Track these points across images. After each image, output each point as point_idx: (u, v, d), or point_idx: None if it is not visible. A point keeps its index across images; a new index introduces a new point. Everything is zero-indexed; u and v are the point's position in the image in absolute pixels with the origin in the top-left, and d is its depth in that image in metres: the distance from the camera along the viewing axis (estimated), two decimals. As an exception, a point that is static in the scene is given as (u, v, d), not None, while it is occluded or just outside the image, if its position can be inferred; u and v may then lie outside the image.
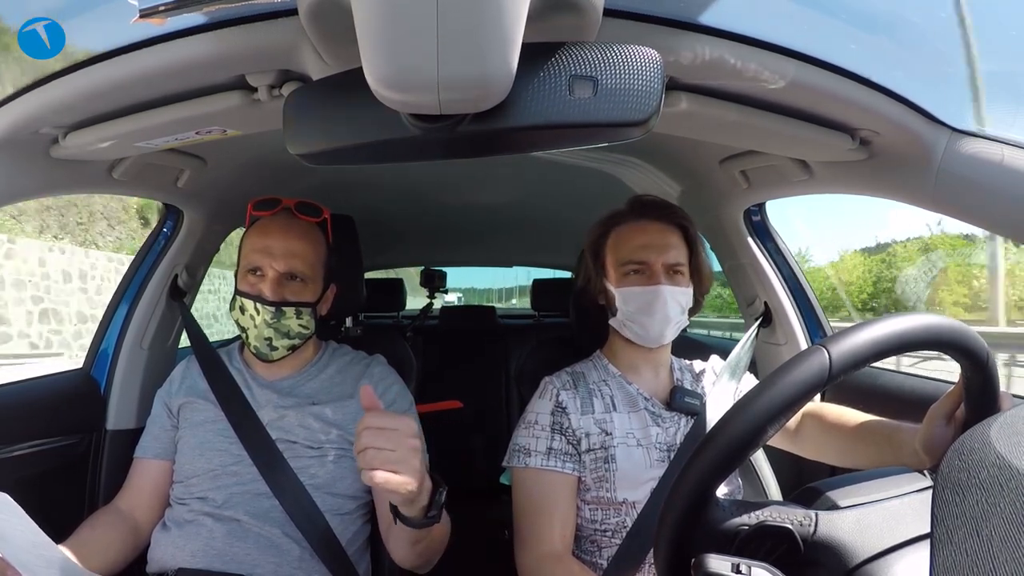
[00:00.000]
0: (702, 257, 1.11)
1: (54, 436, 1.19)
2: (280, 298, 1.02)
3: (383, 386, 1.11)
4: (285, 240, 1.04)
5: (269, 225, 1.06)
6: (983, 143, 0.80)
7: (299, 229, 1.07)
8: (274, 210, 1.08)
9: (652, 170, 1.46)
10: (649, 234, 1.06)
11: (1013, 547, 0.30)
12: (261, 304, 1.01)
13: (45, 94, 0.78)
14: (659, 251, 1.04)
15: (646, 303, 1.02)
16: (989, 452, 0.35)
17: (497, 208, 2.12)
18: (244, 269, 1.04)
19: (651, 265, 1.04)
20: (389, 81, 0.47)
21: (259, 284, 1.02)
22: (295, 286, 1.05)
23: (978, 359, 0.55)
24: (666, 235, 1.06)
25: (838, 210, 67.51)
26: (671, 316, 1.03)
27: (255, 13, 0.65)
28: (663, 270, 1.03)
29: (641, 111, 0.52)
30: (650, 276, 1.03)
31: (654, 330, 1.03)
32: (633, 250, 1.06)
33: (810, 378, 0.48)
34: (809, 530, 0.48)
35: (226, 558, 0.94)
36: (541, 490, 0.99)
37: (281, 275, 1.03)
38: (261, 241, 1.04)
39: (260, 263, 1.03)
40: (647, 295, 1.02)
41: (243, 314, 1.03)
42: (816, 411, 1.05)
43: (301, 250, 1.05)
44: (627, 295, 1.04)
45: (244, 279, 1.04)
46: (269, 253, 1.03)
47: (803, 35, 0.72)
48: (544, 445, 1.01)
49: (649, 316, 1.03)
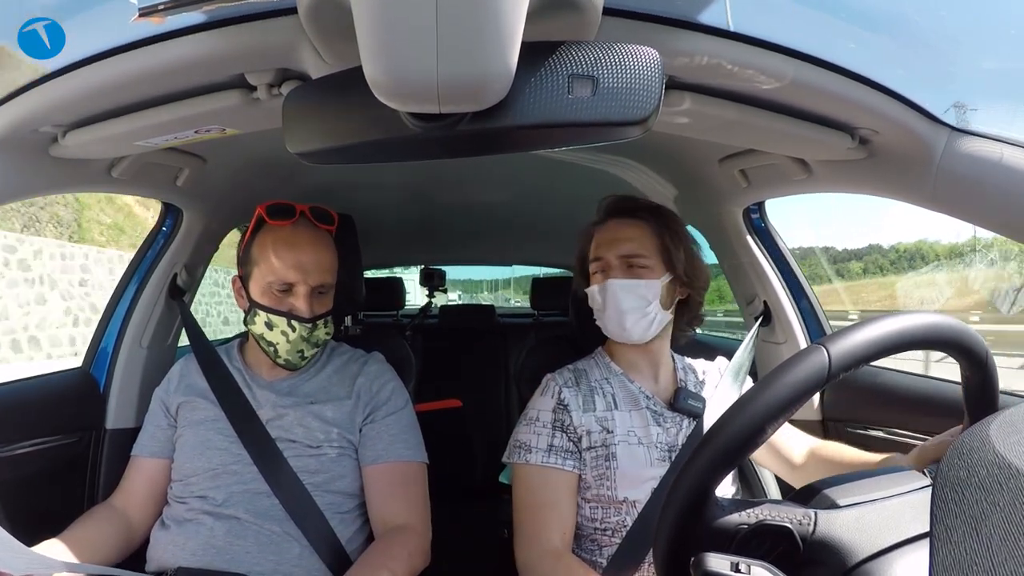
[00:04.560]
0: (678, 245, 1.07)
1: (54, 435, 1.19)
2: (313, 313, 1.02)
3: (379, 383, 1.11)
4: (316, 255, 1.03)
5: (295, 238, 1.03)
6: (982, 142, 0.80)
7: (324, 241, 1.06)
8: (293, 219, 1.05)
9: (651, 169, 1.46)
10: (608, 231, 1.08)
11: (1012, 546, 0.30)
12: (297, 321, 1.01)
13: (45, 93, 0.78)
14: (612, 245, 1.05)
15: (602, 300, 1.05)
16: (988, 451, 0.35)
17: (496, 207, 2.12)
18: (271, 285, 1.01)
19: (606, 260, 1.05)
20: (389, 80, 0.47)
21: (289, 299, 1.01)
22: (323, 299, 1.05)
23: (977, 358, 0.55)
24: (621, 228, 1.07)
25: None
26: (624, 309, 1.02)
27: (254, 12, 0.65)
28: (618, 263, 1.04)
29: (640, 110, 0.52)
30: (605, 272, 1.05)
31: (612, 324, 1.05)
32: (595, 248, 1.08)
33: (809, 377, 0.48)
34: (808, 529, 0.48)
35: (226, 556, 0.94)
36: (541, 487, 0.99)
37: (313, 289, 1.03)
38: (292, 256, 1.01)
39: (294, 280, 1.01)
40: (601, 292, 1.05)
41: (270, 329, 1.02)
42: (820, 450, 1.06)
43: (329, 263, 1.06)
44: (590, 294, 1.08)
45: (269, 294, 1.02)
46: (302, 269, 1.01)
47: (803, 34, 0.72)
48: (545, 442, 1.01)
49: (604, 311, 1.05)
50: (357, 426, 1.06)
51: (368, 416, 1.08)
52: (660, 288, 1.04)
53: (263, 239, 1.04)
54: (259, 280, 1.03)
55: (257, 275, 1.03)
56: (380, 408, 1.08)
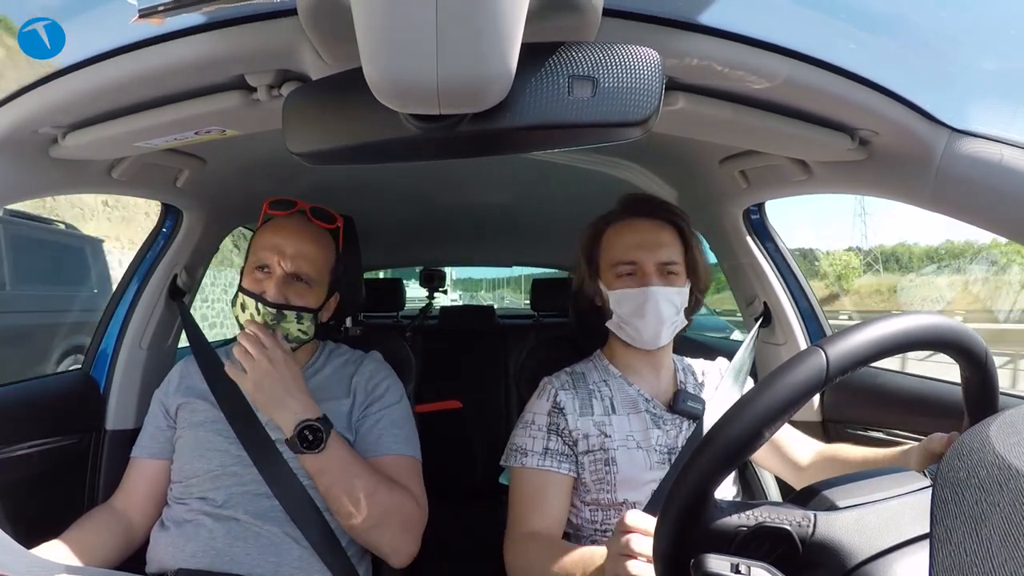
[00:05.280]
0: (698, 254, 1.08)
1: (54, 436, 1.19)
2: (283, 299, 1.01)
3: (374, 380, 1.11)
4: (297, 241, 1.04)
5: (283, 224, 1.06)
6: (982, 143, 0.80)
7: (312, 232, 1.07)
8: (290, 211, 1.08)
9: (651, 170, 1.46)
10: (640, 233, 1.04)
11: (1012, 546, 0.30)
12: (262, 304, 1.00)
13: (45, 94, 0.78)
14: (650, 250, 1.02)
15: (638, 305, 1.01)
16: (988, 452, 0.35)
17: (496, 208, 2.12)
18: (252, 265, 1.04)
19: (642, 265, 1.02)
20: (389, 81, 0.47)
21: (264, 282, 1.02)
22: (299, 288, 1.04)
23: (976, 358, 0.55)
24: (657, 233, 1.04)
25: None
26: (664, 318, 1.01)
27: (254, 13, 0.65)
28: (655, 270, 1.01)
29: (640, 111, 0.52)
30: (642, 277, 1.02)
31: (647, 332, 1.02)
32: (624, 250, 1.04)
33: (807, 379, 0.48)
34: (808, 531, 0.48)
35: (226, 558, 0.94)
36: (535, 487, 0.99)
37: (287, 275, 1.02)
38: (272, 239, 1.04)
39: (268, 260, 1.02)
40: (639, 297, 1.01)
41: (243, 311, 1.03)
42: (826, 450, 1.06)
43: (311, 253, 1.05)
44: (619, 297, 1.03)
45: (250, 275, 1.04)
46: (279, 251, 1.02)
47: (803, 35, 0.72)
48: (540, 445, 1.01)
49: (641, 318, 1.01)
50: (354, 424, 1.07)
51: (363, 412, 1.08)
52: (687, 295, 1.04)
53: (262, 229, 1.08)
54: (248, 264, 1.06)
55: (248, 260, 1.06)
56: (374, 404, 1.08)
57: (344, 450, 0.97)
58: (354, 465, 0.97)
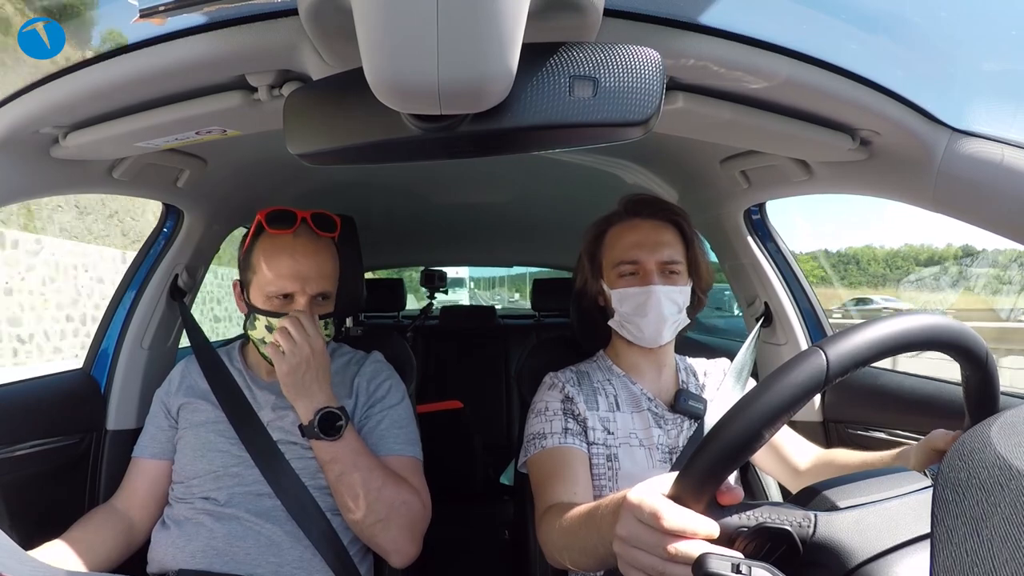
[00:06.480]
0: (699, 253, 1.09)
1: (55, 436, 1.19)
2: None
3: (376, 380, 1.11)
4: (316, 263, 1.03)
5: (296, 246, 1.02)
6: (983, 143, 0.79)
7: (324, 248, 1.06)
8: (293, 227, 1.03)
9: (652, 170, 1.46)
10: (641, 232, 1.05)
11: (1013, 547, 0.30)
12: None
13: (45, 94, 0.78)
14: (651, 249, 1.03)
15: (640, 304, 1.02)
16: (989, 452, 0.35)
17: (497, 208, 2.12)
18: (270, 292, 1.01)
19: (644, 264, 1.03)
20: (389, 81, 0.47)
21: (289, 306, 1.01)
22: (323, 304, 1.05)
23: (977, 358, 0.55)
24: (659, 232, 1.05)
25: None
26: (666, 316, 1.02)
27: (255, 13, 0.65)
28: (656, 269, 1.02)
29: (641, 111, 0.52)
30: (644, 276, 1.03)
31: (649, 331, 1.03)
32: (625, 249, 1.05)
33: (807, 380, 0.48)
34: (808, 531, 0.48)
35: (227, 558, 0.94)
36: (556, 462, 0.97)
37: (313, 297, 1.02)
38: (291, 266, 1.00)
39: (293, 290, 1.01)
40: (641, 296, 1.02)
41: (271, 332, 1.01)
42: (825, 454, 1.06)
43: (330, 270, 1.05)
44: (622, 296, 1.04)
45: (270, 302, 1.01)
46: (301, 278, 1.00)
47: (803, 35, 0.72)
48: (560, 426, 1.00)
49: (643, 317, 1.02)
50: (357, 425, 1.06)
51: (365, 413, 1.08)
52: (689, 294, 1.05)
53: (263, 246, 1.03)
54: (259, 288, 1.02)
55: (257, 282, 1.02)
56: (376, 404, 1.09)
57: (358, 442, 0.98)
58: (366, 457, 0.97)
